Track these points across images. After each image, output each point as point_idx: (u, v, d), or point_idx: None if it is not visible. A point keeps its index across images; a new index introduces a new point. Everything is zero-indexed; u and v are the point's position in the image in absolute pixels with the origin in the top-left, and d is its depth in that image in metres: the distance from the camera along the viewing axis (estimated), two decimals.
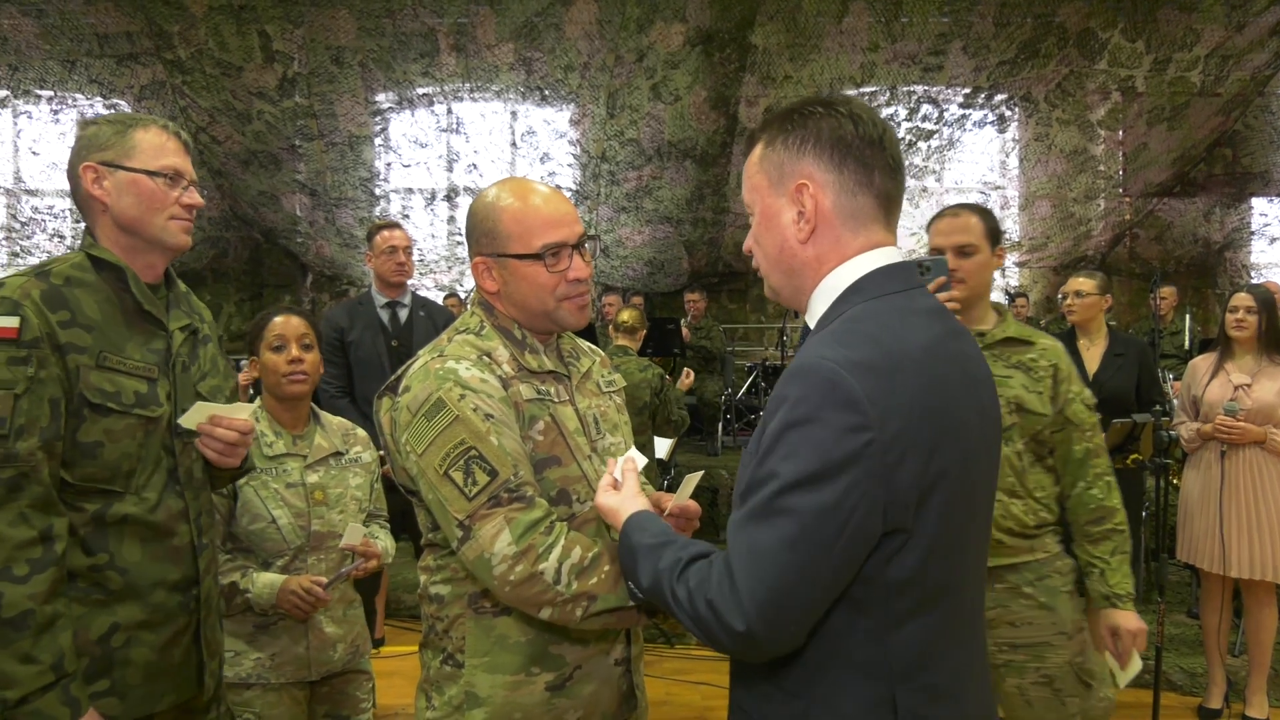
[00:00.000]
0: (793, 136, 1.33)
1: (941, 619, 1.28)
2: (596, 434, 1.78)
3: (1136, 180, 9.90)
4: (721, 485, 6.59)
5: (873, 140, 1.31)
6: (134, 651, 1.80)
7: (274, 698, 2.44)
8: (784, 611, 1.16)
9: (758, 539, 1.17)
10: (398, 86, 9.23)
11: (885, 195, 1.33)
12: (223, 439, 1.89)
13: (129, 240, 1.86)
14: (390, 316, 4.22)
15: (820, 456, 1.15)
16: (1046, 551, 2.46)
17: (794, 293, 1.39)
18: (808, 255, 1.34)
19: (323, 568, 2.49)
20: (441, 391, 1.58)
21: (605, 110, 9.17)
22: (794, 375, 1.21)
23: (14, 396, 1.65)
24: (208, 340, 2.05)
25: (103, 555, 1.77)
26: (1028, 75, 9.10)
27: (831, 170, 1.31)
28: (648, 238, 10.17)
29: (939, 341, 1.27)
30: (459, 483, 1.54)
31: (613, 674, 1.75)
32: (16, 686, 1.61)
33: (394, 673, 4.37)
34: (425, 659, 1.76)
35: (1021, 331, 2.53)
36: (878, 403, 1.16)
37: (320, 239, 10.16)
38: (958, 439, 1.24)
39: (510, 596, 1.54)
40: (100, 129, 1.86)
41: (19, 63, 8.71)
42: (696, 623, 1.22)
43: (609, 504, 1.49)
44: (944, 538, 1.24)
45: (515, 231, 1.68)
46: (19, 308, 1.69)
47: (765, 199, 1.37)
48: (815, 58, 8.93)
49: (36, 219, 9.65)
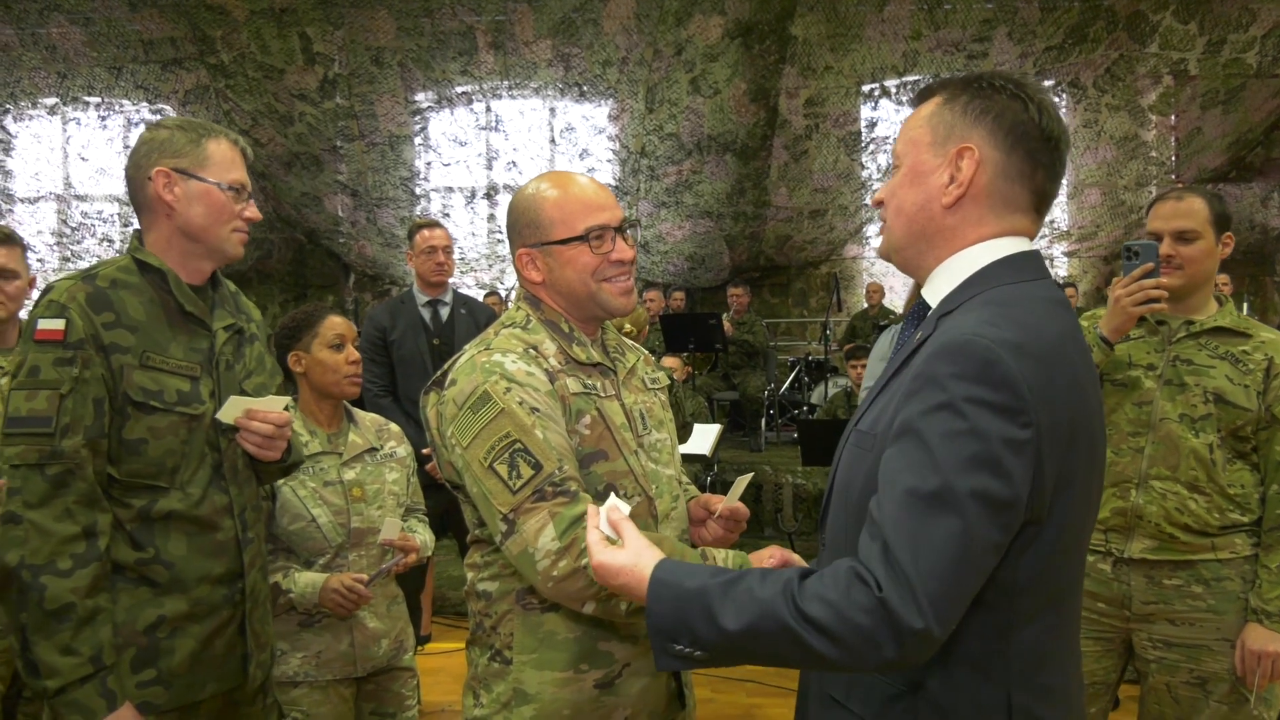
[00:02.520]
0: (975, 103, 1.27)
1: (1060, 619, 1.24)
2: (643, 429, 1.76)
3: (1190, 166, 9.66)
4: (765, 481, 6.53)
5: (1051, 137, 1.26)
6: (179, 642, 1.85)
7: (320, 695, 2.44)
8: (956, 608, 1.09)
9: (925, 532, 1.09)
10: (437, 85, 9.27)
11: (1041, 194, 1.29)
12: (259, 432, 1.91)
13: (188, 245, 1.91)
14: (432, 315, 4.22)
15: (981, 441, 1.09)
16: (1233, 553, 2.30)
17: (915, 255, 1.33)
18: (947, 222, 1.29)
19: (363, 564, 2.49)
20: (487, 384, 1.56)
21: (644, 105, 9.13)
22: (943, 352, 1.14)
23: (60, 396, 1.72)
24: (254, 339, 2.09)
25: (149, 549, 1.82)
26: (1075, 60, 8.92)
27: (1000, 150, 1.25)
28: (688, 232, 10.12)
29: (1070, 331, 1.23)
30: (503, 476, 1.52)
31: (662, 672, 1.71)
32: (57, 676, 1.67)
33: (440, 670, 4.37)
34: (473, 656, 1.75)
35: (1239, 323, 2.38)
36: (1034, 388, 1.11)
37: (362, 239, 10.26)
38: (1088, 431, 1.21)
39: (553, 592, 1.52)
40: (174, 134, 1.89)
41: (67, 70, 8.89)
42: (846, 636, 1.07)
43: (616, 562, 1.25)
44: (1069, 535, 1.20)
45: (558, 217, 1.67)
46: (65, 310, 1.76)
47: (920, 154, 1.31)
48: (857, 47, 8.83)
49: (86, 224, 9.84)
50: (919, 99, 1.36)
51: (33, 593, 1.66)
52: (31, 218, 9.82)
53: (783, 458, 7.15)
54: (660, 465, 1.76)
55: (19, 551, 1.67)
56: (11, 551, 1.68)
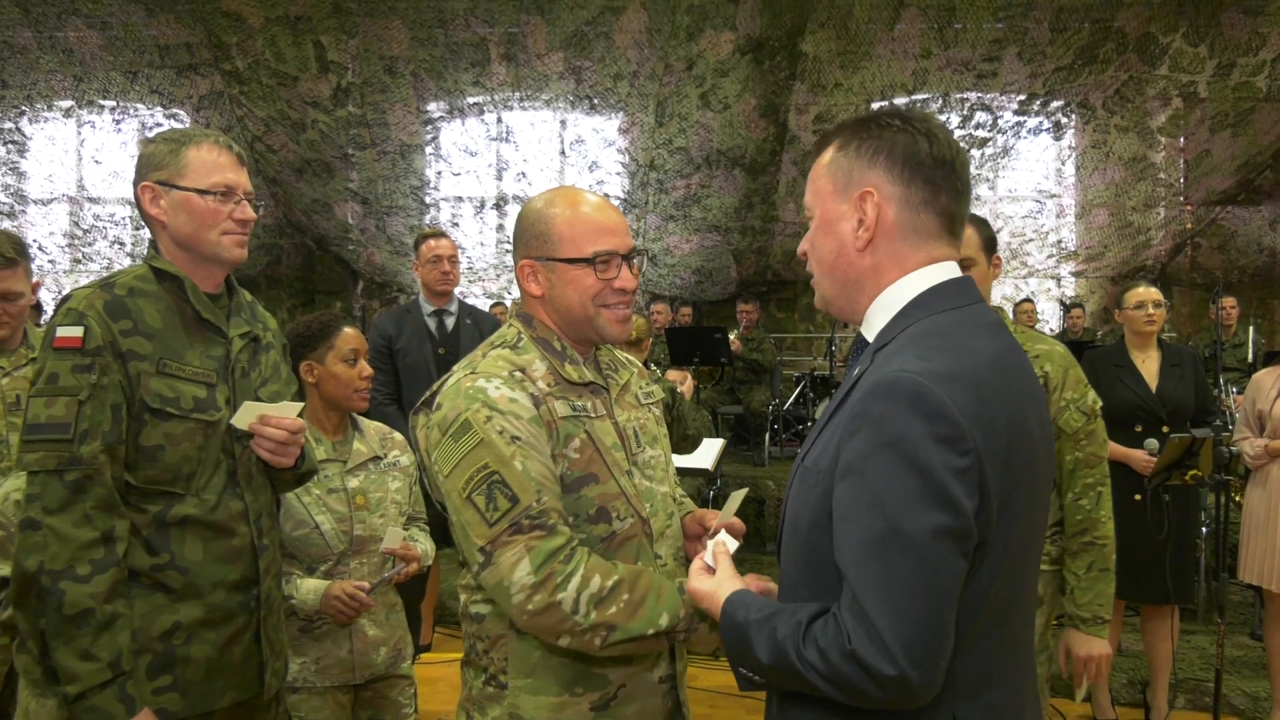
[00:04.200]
0: (866, 145, 1.31)
1: (1005, 635, 1.25)
2: (636, 447, 1.75)
3: (1198, 188, 9.65)
4: (769, 496, 6.53)
5: (945, 161, 1.29)
6: (195, 649, 1.86)
7: (319, 701, 2.45)
8: (931, 647, 1.11)
9: (886, 575, 1.11)
10: (448, 96, 9.32)
11: (948, 215, 1.31)
12: (272, 438, 1.92)
13: (186, 255, 1.92)
14: (437, 324, 4.25)
15: (922, 475, 1.12)
16: None
17: (847, 302, 1.37)
18: (865, 264, 1.32)
19: (365, 571, 2.51)
20: (469, 412, 1.57)
21: (654, 119, 9.17)
22: (874, 391, 1.17)
23: (78, 402, 1.73)
24: (270, 347, 2.10)
25: (165, 555, 1.83)
26: (1085, 81, 8.92)
27: (899, 184, 1.29)
28: (696, 246, 10.14)
29: (1002, 354, 1.25)
30: (480, 507, 1.53)
31: (657, 692, 1.72)
32: (77, 682, 1.68)
33: (439, 679, 4.38)
34: (467, 677, 1.75)
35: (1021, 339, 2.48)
36: (966, 413, 1.13)
37: (371, 246, 10.30)
38: (1026, 451, 1.22)
39: (528, 624, 1.53)
40: (156, 148, 1.91)
41: (83, 74, 8.96)
42: (837, 681, 1.13)
43: (704, 589, 1.41)
44: (1013, 552, 1.22)
45: (567, 235, 1.67)
46: (83, 318, 1.77)
47: (827, 203, 1.35)
48: (866, 65, 8.85)
49: (98, 226, 9.91)
50: (817, 148, 1.40)
51: (52, 598, 1.67)
52: (44, 219, 9.89)
53: (786, 473, 7.13)
54: (654, 482, 1.76)
55: (38, 557, 1.68)
56: (31, 557, 1.69)
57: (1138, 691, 4.24)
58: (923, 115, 1.33)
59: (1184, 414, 3.87)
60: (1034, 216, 10.33)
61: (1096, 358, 4.04)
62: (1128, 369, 3.89)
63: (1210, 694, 3.25)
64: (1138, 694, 4.22)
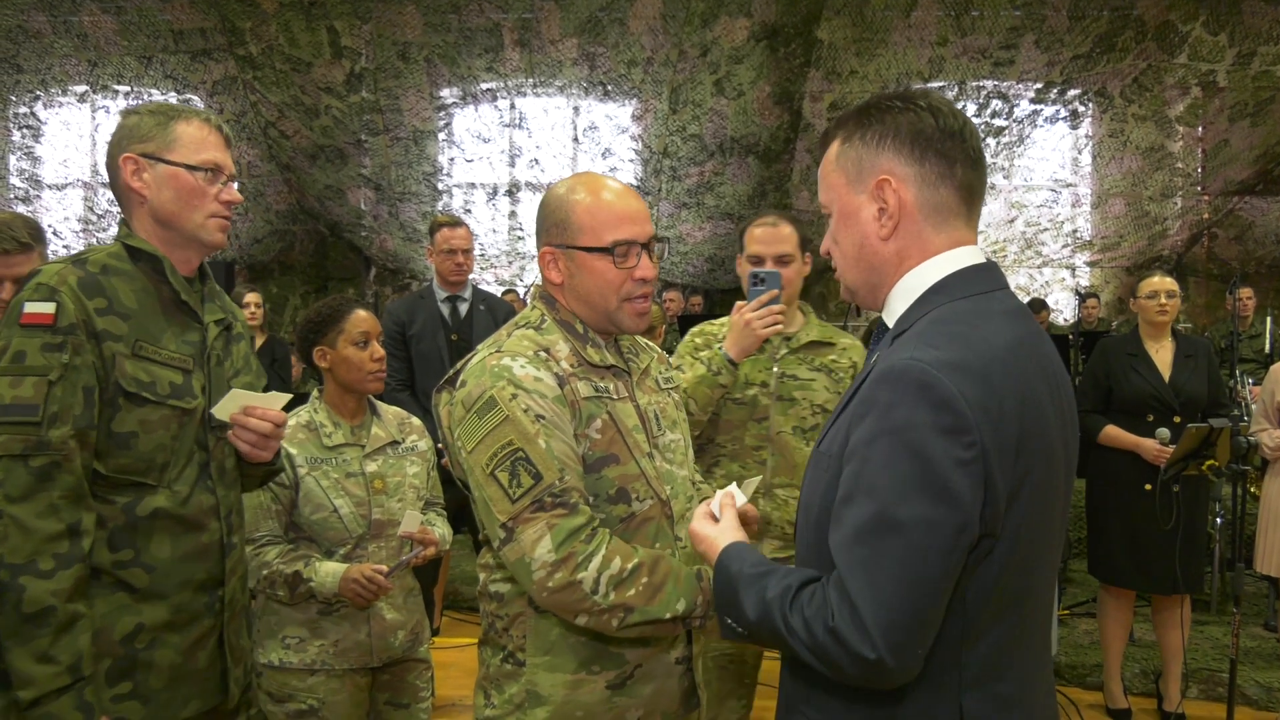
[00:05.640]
0: (870, 132, 1.30)
1: (1016, 625, 1.24)
2: (657, 430, 1.76)
3: (1216, 178, 9.57)
4: None
5: (953, 132, 1.28)
6: (158, 654, 1.74)
7: (337, 684, 2.46)
8: (911, 634, 1.11)
9: (873, 560, 1.12)
10: (462, 82, 9.31)
11: (967, 187, 1.30)
12: (256, 430, 1.85)
13: (165, 234, 1.82)
14: (451, 310, 4.25)
15: (922, 465, 1.11)
16: None
17: (871, 291, 1.36)
18: (889, 252, 1.31)
19: (383, 555, 2.52)
20: (494, 390, 1.57)
21: (668, 105, 9.13)
22: (883, 378, 1.17)
23: (48, 383, 1.61)
24: (241, 338, 2.02)
25: (128, 551, 1.71)
26: (1103, 70, 8.85)
27: (912, 164, 1.28)
28: (709, 234, 10.12)
29: (1021, 342, 1.24)
30: (504, 484, 1.54)
31: (674, 672, 1.74)
32: (32, 686, 1.55)
33: (452, 664, 4.39)
34: (484, 656, 1.76)
35: (824, 333, 2.64)
36: (974, 404, 1.13)
37: (384, 233, 10.31)
38: (1040, 441, 1.21)
39: (547, 601, 1.54)
40: (142, 119, 1.81)
41: (98, 58, 8.98)
42: (816, 651, 1.15)
43: (704, 532, 1.42)
44: (1025, 542, 1.21)
45: (587, 224, 1.68)
46: (55, 294, 1.65)
47: (843, 197, 1.34)
48: (882, 52, 8.79)
49: (112, 211, 9.93)
50: (822, 144, 1.39)
51: (10, 594, 1.54)
52: (59, 204, 9.93)
53: None
54: (675, 466, 1.77)
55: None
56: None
57: (1151, 681, 4.24)
58: (923, 91, 1.32)
59: (1197, 405, 3.86)
60: (1049, 206, 10.26)
61: (1110, 346, 4.02)
62: (1141, 358, 3.88)
63: (1224, 684, 3.24)
64: (1150, 684, 4.22)
